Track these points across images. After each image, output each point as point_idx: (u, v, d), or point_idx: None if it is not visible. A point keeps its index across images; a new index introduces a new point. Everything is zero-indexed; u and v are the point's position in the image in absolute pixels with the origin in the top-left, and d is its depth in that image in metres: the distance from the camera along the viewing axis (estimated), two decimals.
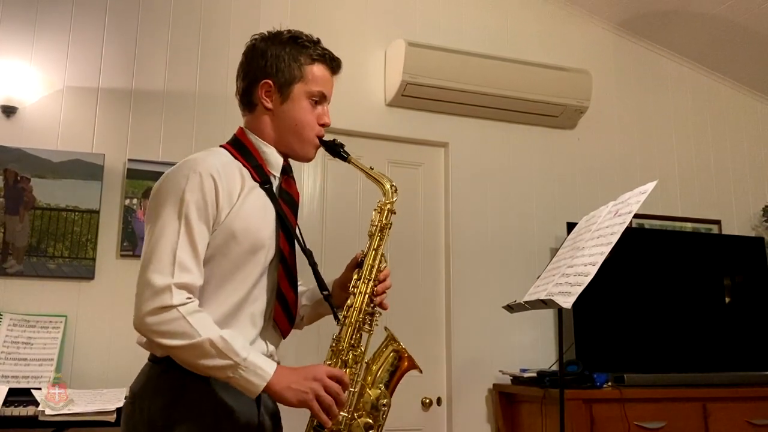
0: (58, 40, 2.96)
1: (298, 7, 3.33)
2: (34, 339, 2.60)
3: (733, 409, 3.00)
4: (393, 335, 1.59)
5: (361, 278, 1.56)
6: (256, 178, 1.49)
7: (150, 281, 1.34)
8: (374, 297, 1.56)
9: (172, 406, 1.37)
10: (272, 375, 1.33)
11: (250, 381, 1.32)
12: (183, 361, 1.35)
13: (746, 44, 3.83)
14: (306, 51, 1.54)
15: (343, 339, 1.51)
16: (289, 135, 1.54)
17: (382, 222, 1.61)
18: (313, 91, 1.54)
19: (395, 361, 1.57)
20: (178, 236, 1.35)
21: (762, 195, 4.04)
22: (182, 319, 1.31)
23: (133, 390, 1.45)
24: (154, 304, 1.32)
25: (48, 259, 2.77)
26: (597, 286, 2.08)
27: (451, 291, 3.33)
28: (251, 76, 1.56)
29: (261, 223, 1.46)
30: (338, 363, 1.49)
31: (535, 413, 2.95)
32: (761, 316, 3.59)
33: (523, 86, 3.40)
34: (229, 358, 1.30)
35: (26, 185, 2.78)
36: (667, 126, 3.96)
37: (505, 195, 3.53)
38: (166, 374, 1.39)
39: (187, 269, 1.35)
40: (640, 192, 2.15)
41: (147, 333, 1.35)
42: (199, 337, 1.30)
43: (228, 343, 1.31)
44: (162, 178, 1.45)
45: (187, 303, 1.33)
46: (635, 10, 3.80)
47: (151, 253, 1.36)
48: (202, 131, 3.07)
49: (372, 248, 1.59)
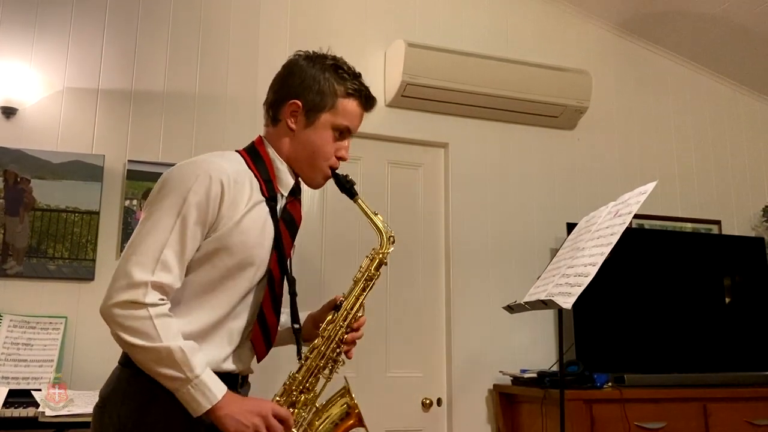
0: (58, 41, 2.95)
1: (298, 8, 3.33)
2: (34, 340, 2.60)
3: (734, 410, 3.00)
4: (349, 389, 1.57)
5: (334, 322, 1.54)
6: (264, 192, 1.48)
7: (129, 272, 1.33)
8: (342, 344, 1.54)
9: (142, 411, 1.36)
10: (219, 399, 1.32)
11: (196, 400, 1.31)
12: (136, 360, 1.34)
13: (745, 44, 3.83)
14: (344, 83, 1.53)
15: (298, 379, 1.50)
16: (303, 160, 1.54)
17: (371, 272, 1.59)
18: (339, 124, 1.53)
19: (344, 415, 1.55)
20: (170, 234, 1.35)
21: (762, 195, 4.04)
22: (149, 320, 1.30)
23: (103, 395, 1.43)
24: (126, 297, 1.32)
25: (48, 261, 2.77)
26: (597, 286, 2.08)
27: (451, 291, 3.33)
28: (283, 91, 1.54)
29: (258, 240, 1.45)
30: (288, 401, 1.48)
31: (536, 414, 2.95)
32: (761, 316, 3.59)
33: (522, 87, 3.40)
34: (181, 371, 1.30)
35: (26, 186, 2.78)
36: (666, 126, 3.96)
37: (505, 195, 3.53)
38: (136, 378, 1.37)
39: (169, 269, 1.34)
40: (640, 192, 2.15)
41: (110, 322, 1.34)
42: (160, 342, 1.30)
43: (186, 357, 1.30)
44: (172, 170, 1.43)
45: (159, 305, 1.33)
46: (635, 11, 3.80)
47: (138, 244, 1.35)
48: (202, 132, 3.07)
49: (354, 295, 1.57)
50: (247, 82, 3.15)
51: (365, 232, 3.35)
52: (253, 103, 3.08)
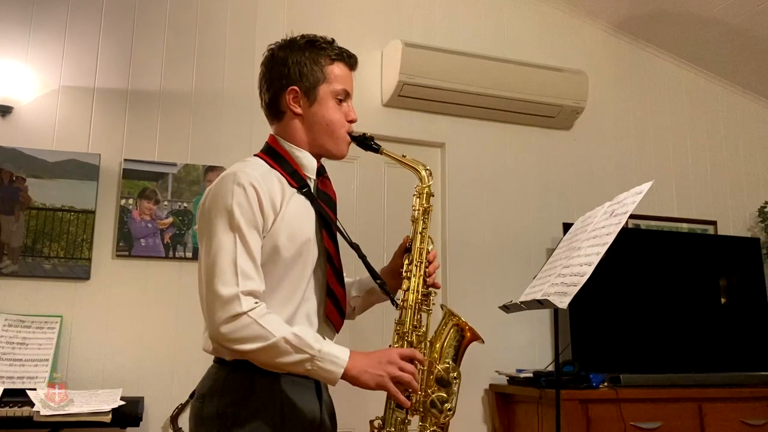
0: (54, 39, 2.95)
1: (295, 8, 3.33)
2: (29, 339, 2.60)
3: (729, 410, 3.01)
4: (451, 311, 1.63)
5: (412, 262, 1.61)
6: (293, 184, 1.53)
7: (218, 293, 1.37)
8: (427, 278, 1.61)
9: (241, 403, 1.43)
10: (347, 361, 1.39)
11: (328, 370, 1.38)
12: (262, 363, 1.40)
13: (741, 46, 3.84)
14: (324, 52, 1.58)
15: (405, 322, 1.56)
16: (323, 135, 1.59)
17: (423, 206, 1.66)
18: (337, 90, 1.58)
19: (458, 335, 1.61)
20: (235, 246, 1.40)
21: (757, 196, 4.05)
22: (255, 324, 1.36)
23: (201, 391, 1.49)
24: (226, 314, 1.36)
25: (43, 260, 2.76)
26: (593, 286, 2.08)
27: (447, 291, 3.33)
28: (276, 85, 1.58)
29: (304, 227, 1.51)
30: (405, 345, 1.55)
31: (532, 413, 2.96)
32: (756, 316, 3.60)
33: (519, 87, 3.41)
34: (305, 352, 1.36)
35: (21, 185, 2.78)
36: (663, 127, 3.97)
37: (502, 195, 3.53)
38: (234, 374, 1.44)
39: (250, 277, 1.40)
40: (636, 192, 2.15)
41: (224, 342, 1.38)
42: (274, 337, 1.35)
43: (301, 339, 1.37)
44: (207, 196, 1.49)
45: (256, 307, 1.38)
46: (631, 12, 3.80)
47: (213, 267, 1.40)
48: (198, 131, 3.06)
49: (417, 232, 1.64)
50: (243, 82, 3.15)
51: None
52: (250, 102, 3.09)
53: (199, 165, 3.02)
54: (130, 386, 2.67)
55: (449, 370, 1.57)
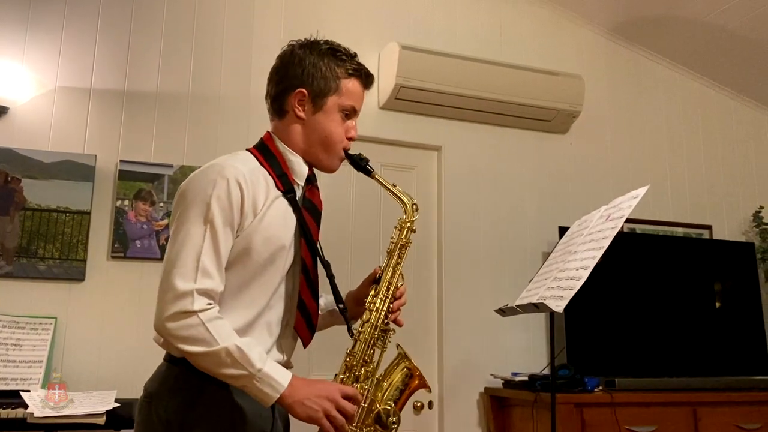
0: (50, 39, 2.94)
1: (292, 10, 3.33)
2: (23, 341, 2.58)
3: (723, 414, 3.01)
4: (405, 353, 1.61)
5: (377, 294, 1.58)
6: (280, 187, 1.50)
7: (173, 285, 1.34)
8: (389, 314, 1.58)
9: (188, 407, 1.38)
10: (286, 387, 1.35)
11: (264, 392, 1.34)
12: (200, 367, 1.36)
13: (737, 51, 3.85)
14: (343, 65, 1.56)
15: (356, 354, 1.54)
16: (318, 146, 1.56)
17: (402, 240, 1.64)
18: (345, 105, 1.56)
19: (406, 379, 1.59)
20: (203, 241, 1.37)
21: (752, 200, 4.06)
22: (202, 326, 1.32)
23: (149, 390, 1.45)
24: (176, 308, 1.33)
25: (38, 261, 2.75)
26: (589, 290, 2.08)
27: (443, 294, 3.33)
28: (286, 82, 1.55)
29: (281, 233, 1.47)
30: (351, 378, 1.52)
31: (527, 417, 2.96)
32: (751, 320, 3.61)
33: (515, 90, 3.41)
34: (244, 369, 1.32)
35: (17, 186, 2.77)
36: (658, 131, 3.98)
37: (498, 199, 3.53)
38: (184, 375, 1.40)
39: (210, 275, 1.37)
40: (631, 197, 2.16)
41: (167, 336, 1.36)
42: (217, 345, 1.32)
43: (244, 354, 1.33)
44: (188, 181, 1.45)
45: (208, 309, 1.35)
46: (627, 16, 3.82)
47: (175, 257, 1.37)
48: (194, 132, 3.06)
49: (390, 266, 1.61)
50: (240, 83, 3.14)
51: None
52: (247, 104, 3.09)
53: (195, 167, 2.98)
54: (125, 388, 2.65)
55: (390, 413, 1.54)
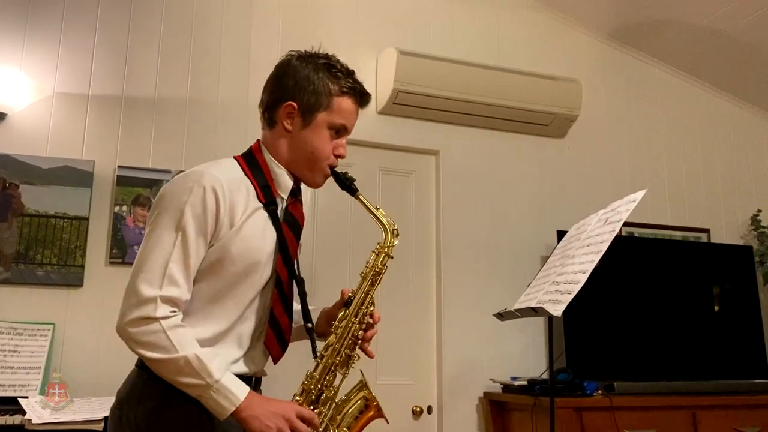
0: (48, 46, 2.94)
1: (290, 16, 3.33)
2: (21, 347, 2.58)
3: (723, 417, 3.01)
4: (366, 382, 1.60)
5: (346, 318, 1.54)
6: (261, 198, 1.48)
7: (137, 289, 1.34)
8: (358, 340, 1.55)
9: (158, 413, 1.37)
10: (242, 401, 1.35)
11: (219, 403, 1.34)
12: (159, 374, 1.36)
13: (733, 54, 3.87)
14: (338, 81, 1.52)
15: (316, 377, 1.51)
16: (303, 161, 1.53)
17: (377, 267, 1.58)
18: (335, 123, 1.52)
19: (363, 408, 1.58)
20: (173, 248, 1.36)
21: (750, 204, 4.07)
22: (162, 333, 1.32)
23: (120, 396, 1.45)
24: (138, 314, 1.33)
25: (36, 267, 2.75)
26: (587, 294, 2.08)
27: (441, 299, 3.33)
28: (278, 93, 1.53)
29: (259, 245, 1.45)
30: (308, 400, 1.50)
31: (526, 421, 2.95)
32: (750, 324, 3.61)
33: (513, 95, 3.42)
34: (201, 378, 1.32)
35: (15, 192, 2.76)
36: (656, 135, 3.99)
37: (496, 203, 3.54)
38: (153, 380, 1.38)
39: (176, 283, 1.36)
40: (629, 200, 2.16)
41: (127, 340, 1.36)
42: (176, 353, 1.32)
43: (203, 363, 1.32)
44: (166, 186, 1.45)
45: (170, 317, 1.34)
46: (624, 20, 3.83)
47: (143, 261, 1.36)
48: (192, 138, 3.06)
49: (362, 290, 1.56)
50: (238, 89, 3.15)
51: (356, 243, 3.34)
52: (245, 110, 3.09)
53: None
54: None
55: None
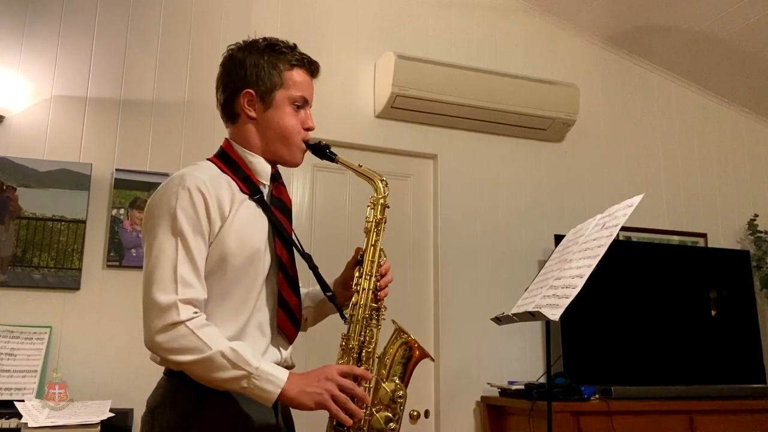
0: (46, 49, 2.94)
1: (289, 19, 3.34)
2: (17, 350, 2.57)
3: (720, 422, 3.01)
4: (401, 327, 1.59)
5: (362, 275, 1.56)
6: (245, 190, 1.49)
7: (155, 300, 1.32)
8: (378, 292, 1.56)
9: (190, 418, 1.37)
10: (285, 381, 1.34)
11: (265, 389, 1.32)
12: (196, 376, 1.34)
13: (731, 60, 3.88)
14: (284, 57, 1.55)
15: (352, 337, 1.51)
16: (276, 142, 1.54)
17: (377, 217, 1.60)
18: (294, 96, 1.54)
19: (406, 353, 1.57)
20: (177, 252, 1.35)
21: (747, 208, 4.08)
22: (192, 334, 1.31)
23: (150, 404, 1.44)
24: (163, 322, 1.31)
25: (33, 269, 2.74)
26: (584, 298, 2.08)
27: (439, 302, 3.33)
28: (232, 86, 1.56)
29: (254, 235, 1.46)
30: (350, 361, 1.50)
31: (523, 426, 2.95)
32: (747, 328, 3.61)
33: (511, 99, 3.43)
34: (241, 369, 1.31)
35: (12, 194, 2.76)
36: (653, 140, 4.00)
37: (494, 207, 3.54)
38: (183, 386, 1.38)
39: (190, 284, 1.35)
40: (627, 205, 2.16)
41: (159, 351, 1.33)
42: (210, 350, 1.30)
43: (239, 354, 1.31)
44: (152, 198, 1.45)
45: (195, 317, 1.33)
46: (622, 25, 3.84)
47: (152, 273, 1.35)
48: (190, 141, 3.06)
49: (370, 244, 1.58)
50: None
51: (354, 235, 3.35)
52: None
53: None
54: (120, 398, 2.64)
55: (396, 389, 1.54)
